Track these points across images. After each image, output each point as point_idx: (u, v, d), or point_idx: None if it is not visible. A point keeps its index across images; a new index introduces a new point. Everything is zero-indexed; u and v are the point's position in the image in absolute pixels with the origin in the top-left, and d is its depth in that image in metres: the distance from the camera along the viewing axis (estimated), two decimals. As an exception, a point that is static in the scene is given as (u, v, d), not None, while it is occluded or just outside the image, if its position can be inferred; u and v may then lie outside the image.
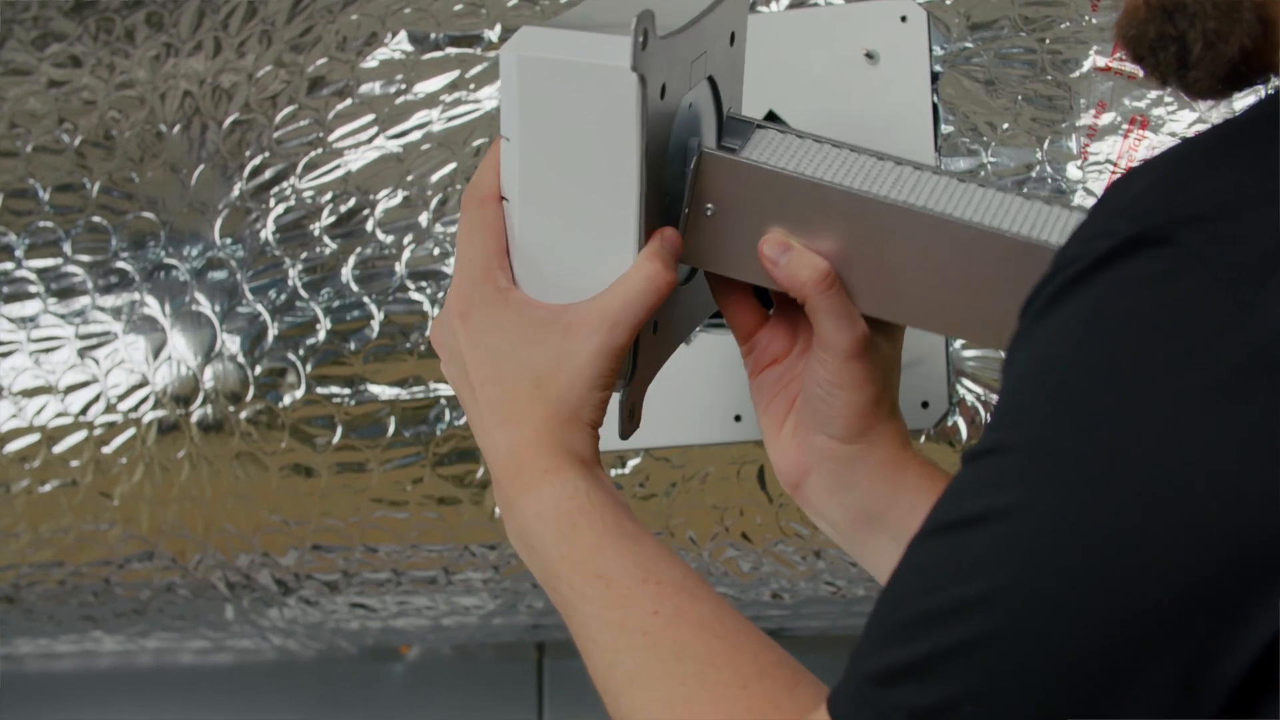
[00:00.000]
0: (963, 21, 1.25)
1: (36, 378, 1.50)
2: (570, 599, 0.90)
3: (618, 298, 0.93)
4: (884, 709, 0.73)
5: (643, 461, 1.34)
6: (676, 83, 0.95)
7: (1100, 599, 0.69)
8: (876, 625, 0.75)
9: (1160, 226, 0.69)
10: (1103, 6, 1.22)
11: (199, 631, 1.60)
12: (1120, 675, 0.70)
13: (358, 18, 1.43)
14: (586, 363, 0.92)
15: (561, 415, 0.93)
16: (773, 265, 0.97)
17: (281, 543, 1.45)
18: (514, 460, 0.93)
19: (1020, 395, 0.73)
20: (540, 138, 0.93)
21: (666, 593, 0.88)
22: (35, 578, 1.54)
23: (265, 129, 1.44)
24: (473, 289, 0.95)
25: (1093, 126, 1.21)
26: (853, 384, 0.98)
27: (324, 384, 1.40)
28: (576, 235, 0.94)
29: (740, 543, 1.33)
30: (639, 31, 0.89)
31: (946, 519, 0.74)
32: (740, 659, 0.85)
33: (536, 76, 0.92)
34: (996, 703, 0.71)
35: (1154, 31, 0.79)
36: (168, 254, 1.47)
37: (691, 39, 0.96)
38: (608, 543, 0.90)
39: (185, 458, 1.45)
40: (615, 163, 0.92)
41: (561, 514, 0.91)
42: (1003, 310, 0.88)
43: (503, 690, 1.93)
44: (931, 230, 0.95)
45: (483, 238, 0.95)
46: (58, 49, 1.54)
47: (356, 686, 1.99)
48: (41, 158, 1.52)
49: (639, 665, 0.86)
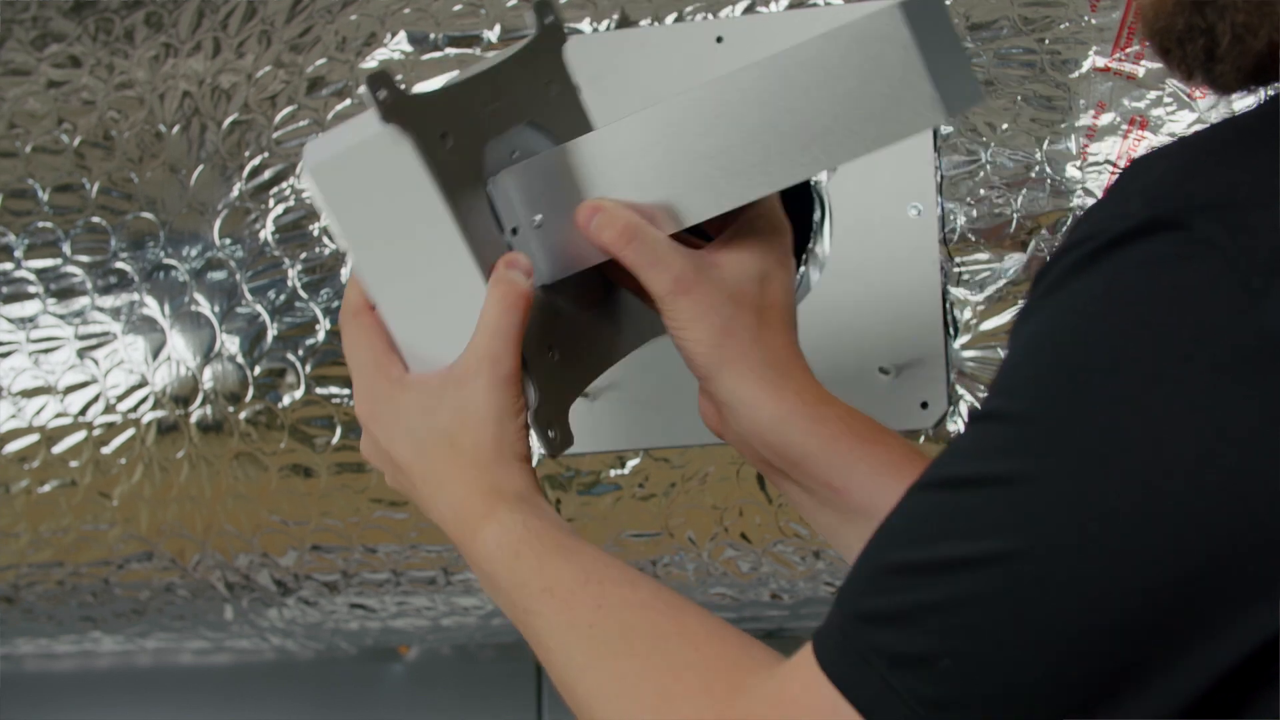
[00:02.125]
0: (962, 22, 1.25)
1: (36, 378, 1.50)
2: (526, 620, 0.93)
3: (484, 331, 0.97)
4: (865, 650, 0.74)
5: (642, 462, 1.34)
6: (467, 132, 1.00)
7: (1092, 578, 0.70)
8: (865, 567, 0.76)
9: (1176, 211, 0.70)
10: (1101, 7, 1.22)
11: (198, 632, 1.60)
12: (1104, 657, 0.70)
13: (357, 18, 1.43)
14: (484, 403, 0.96)
15: (482, 461, 0.96)
16: (586, 230, 0.99)
17: (281, 543, 1.45)
18: (455, 517, 0.97)
19: (1026, 365, 0.73)
20: (363, 229, 0.99)
21: (607, 588, 0.91)
22: (35, 578, 1.54)
23: (265, 129, 1.44)
24: (371, 390, 1.00)
25: (1092, 127, 1.21)
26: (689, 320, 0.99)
27: (323, 384, 1.40)
28: (435, 301, 0.99)
29: (739, 543, 1.33)
30: (373, 90, 0.95)
31: (945, 475, 0.75)
32: (686, 628, 0.87)
33: (330, 178, 0.98)
34: (974, 662, 0.71)
35: (1183, 24, 0.79)
36: (167, 254, 1.47)
37: (469, 91, 1.01)
38: (548, 560, 0.93)
39: (184, 458, 1.45)
40: (429, 217, 0.97)
41: (504, 548, 0.94)
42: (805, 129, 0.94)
43: (502, 690, 1.93)
44: (710, 96, 0.98)
45: (365, 343, 1.00)
46: (57, 49, 1.54)
47: (356, 687, 1.99)
48: (41, 158, 1.52)
49: (589, 653, 0.89)
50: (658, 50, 1.32)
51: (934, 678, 0.72)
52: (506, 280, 0.97)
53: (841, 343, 1.27)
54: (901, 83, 0.93)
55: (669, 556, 1.36)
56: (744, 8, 1.31)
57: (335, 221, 0.99)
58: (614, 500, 1.35)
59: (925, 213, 1.25)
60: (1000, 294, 1.24)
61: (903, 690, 0.73)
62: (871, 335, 1.26)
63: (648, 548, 1.36)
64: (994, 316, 1.24)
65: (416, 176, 0.96)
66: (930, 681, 0.72)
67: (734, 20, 1.31)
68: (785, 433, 1.00)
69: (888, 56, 0.93)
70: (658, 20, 1.33)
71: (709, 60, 1.30)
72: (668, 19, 1.33)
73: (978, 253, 1.24)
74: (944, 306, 1.25)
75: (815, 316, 1.27)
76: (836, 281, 1.27)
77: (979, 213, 1.24)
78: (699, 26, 1.31)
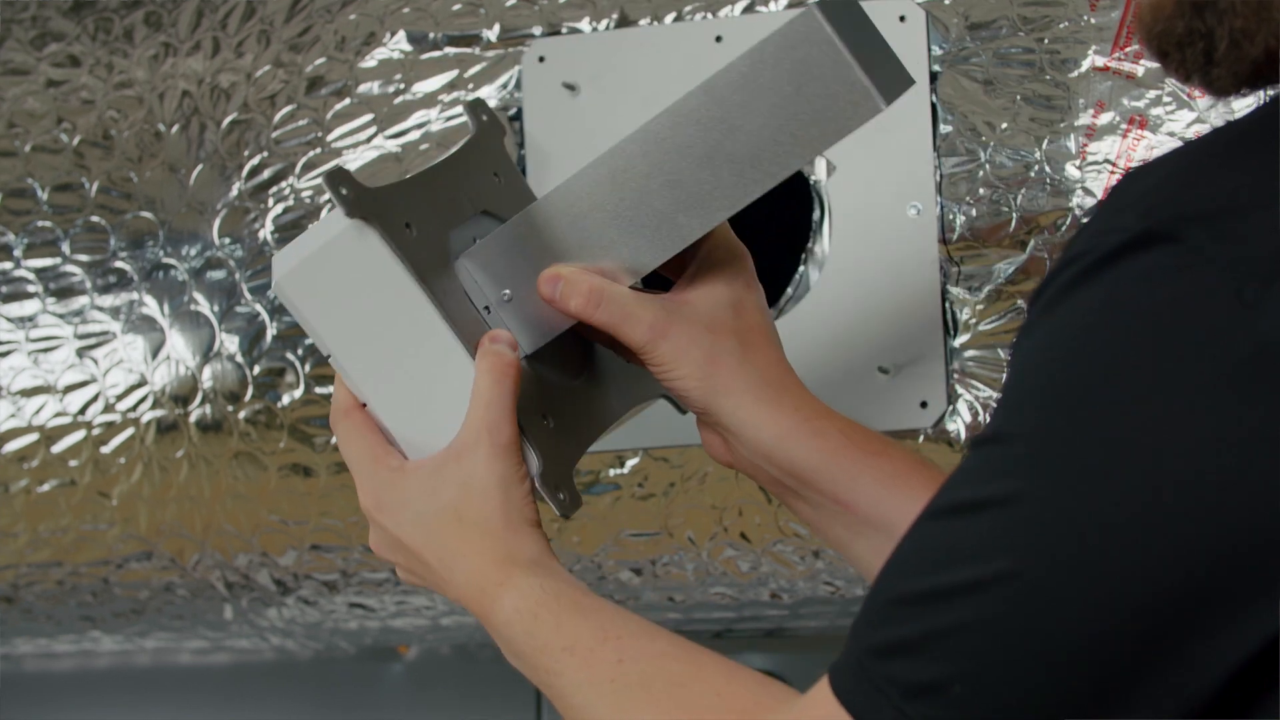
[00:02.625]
0: (961, 21, 1.25)
1: (35, 377, 1.50)
2: (549, 681, 0.94)
3: (478, 404, 0.98)
4: (879, 682, 0.74)
5: (641, 461, 1.34)
6: (429, 221, 1.01)
7: (1095, 591, 0.70)
8: (876, 600, 0.77)
9: (1169, 223, 0.70)
10: (1101, 6, 1.22)
11: (197, 631, 1.60)
12: (1111, 669, 0.71)
13: (356, 17, 1.43)
14: (486, 472, 0.97)
15: (492, 530, 0.97)
16: (555, 303, 1.01)
17: (280, 543, 1.45)
18: (473, 588, 0.97)
19: (1025, 385, 0.74)
20: (342, 329, 1.00)
21: (626, 642, 0.92)
22: (34, 577, 1.54)
23: (264, 129, 1.44)
24: (372, 483, 1.01)
25: (1091, 126, 1.21)
26: (672, 360, 1.00)
27: (323, 384, 1.40)
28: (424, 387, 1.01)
29: (739, 543, 1.33)
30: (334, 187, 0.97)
31: (949, 503, 0.75)
32: (705, 674, 0.88)
33: (301, 285, 1.00)
34: (985, 685, 0.72)
35: (1182, 27, 0.79)
36: (166, 253, 1.47)
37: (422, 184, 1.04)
38: (566, 621, 0.94)
39: (184, 457, 1.45)
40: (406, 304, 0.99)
41: (523, 614, 0.95)
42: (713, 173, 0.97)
43: (502, 690, 1.92)
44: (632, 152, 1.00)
45: (360, 440, 1.01)
46: (56, 49, 1.54)
47: (355, 686, 1.99)
48: (40, 157, 1.52)
49: (612, 707, 0.90)
50: (657, 49, 1.32)
51: (947, 704, 0.73)
52: (493, 353, 0.99)
53: (841, 342, 1.27)
54: (833, 80, 0.94)
55: (668, 556, 1.36)
56: (743, 7, 1.31)
57: (313, 327, 1.01)
58: (613, 500, 1.35)
59: (924, 212, 1.25)
60: (999, 293, 1.24)
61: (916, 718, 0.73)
62: (871, 334, 1.26)
63: (647, 547, 1.36)
64: (993, 316, 1.24)
65: (388, 266, 0.98)
66: (943, 707, 0.73)
67: (733, 19, 1.31)
68: (789, 450, 1.01)
69: (815, 57, 0.94)
70: (657, 19, 1.33)
71: (708, 59, 1.30)
72: (667, 18, 1.33)
73: (977, 252, 1.24)
74: (943, 306, 1.25)
75: (815, 316, 1.27)
76: (836, 281, 1.27)
77: (978, 212, 1.24)
78: (698, 26, 1.31)
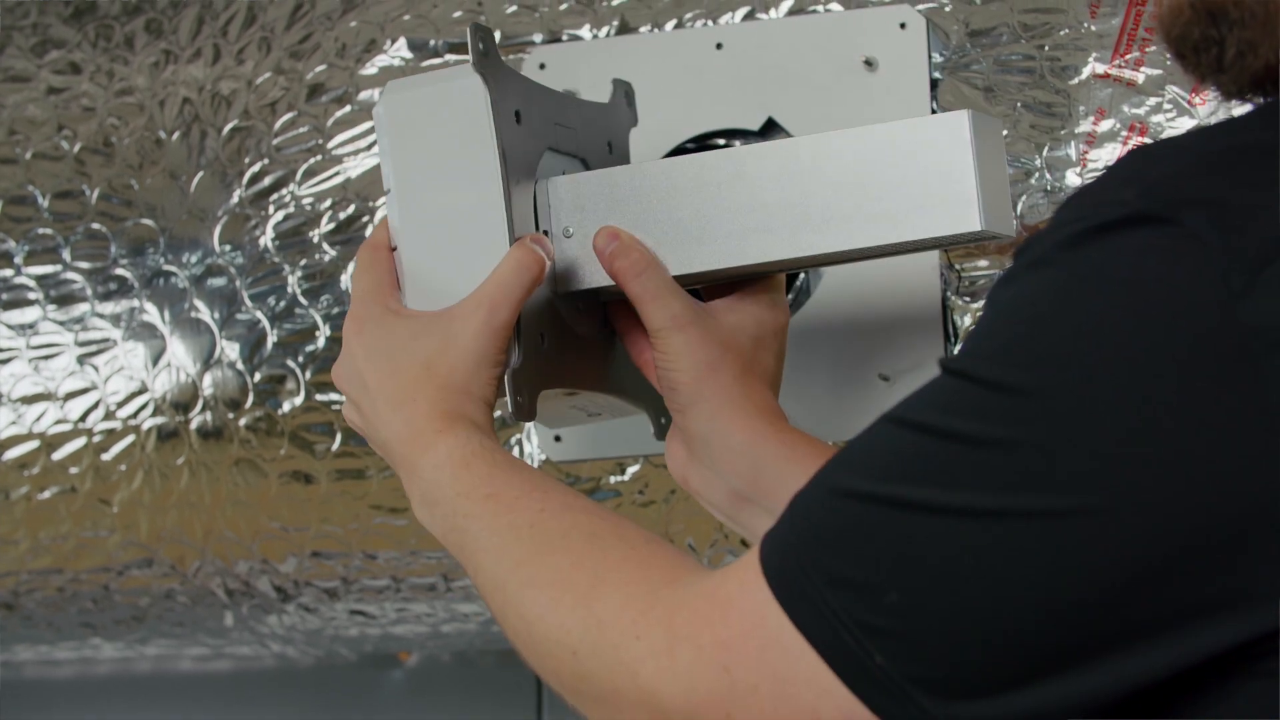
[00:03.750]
0: (961, 28, 1.25)
1: (36, 384, 1.50)
2: (463, 526, 0.95)
3: (493, 280, 1.02)
4: (805, 564, 0.75)
5: (642, 468, 1.34)
6: (538, 128, 1.07)
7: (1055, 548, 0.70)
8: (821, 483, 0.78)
9: (1169, 205, 0.71)
10: (1101, 13, 1.22)
11: (198, 638, 1.60)
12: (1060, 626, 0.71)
13: (357, 24, 1.43)
14: (470, 340, 1.01)
15: (452, 387, 1.00)
16: (603, 255, 1.05)
17: (281, 549, 1.45)
18: (410, 429, 1.00)
19: (1003, 331, 0.74)
20: (414, 163, 1.05)
21: (551, 496, 0.94)
22: (34, 584, 1.54)
23: (264, 136, 1.44)
24: (365, 310, 1.04)
25: (1092, 133, 1.21)
26: (678, 353, 1.04)
27: (323, 391, 1.40)
28: (456, 248, 1.05)
29: (740, 550, 1.33)
30: (475, 40, 1.03)
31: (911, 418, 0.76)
32: (625, 534, 0.89)
33: (399, 112, 1.05)
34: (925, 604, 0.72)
35: (1198, 34, 0.80)
36: (167, 261, 1.47)
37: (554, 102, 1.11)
38: (499, 472, 0.96)
39: (184, 464, 1.45)
40: (481, 170, 1.04)
41: (455, 459, 0.98)
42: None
43: (502, 697, 1.93)
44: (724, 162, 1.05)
45: (373, 273, 1.06)
46: (57, 56, 1.54)
47: (356, 693, 1.99)
48: (41, 164, 1.52)
49: (526, 550, 0.91)
50: (657, 57, 1.32)
51: (877, 607, 0.73)
52: (528, 247, 1.03)
53: (841, 348, 1.27)
54: (949, 180, 0.98)
55: (669, 563, 1.36)
56: (744, 14, 1.31)
57: (388, 155, 1.06)
58: (614, 507, 1.35)
59: (925, 219, 1.25)
60: (1000, 300, 1.24)
61: (839, 610, 0.74)
62: (871, 341, 1.26)
63: (648, 554, 1.36)
64: (994, 323, 1.24)
65: (483, 130, 1.03)
66: (872, 610, 0.73)
67: (733, 27, 1.31)
68: (756, 456, 1.03)
69: (944, 154, 0.98)
70: (657, 27, 1.33)
71: (708, 67, 1.30)
72: (667, 25, 1.33)
73: (977, 259, 1.24)
74: (944, 313, 1.25)
75: (815, 322, 1.27)
76: (837, 287, 1.27)
77: (979, 219, 1.24)
78: (698, 33, 1.32)
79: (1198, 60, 0.81)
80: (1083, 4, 1.22)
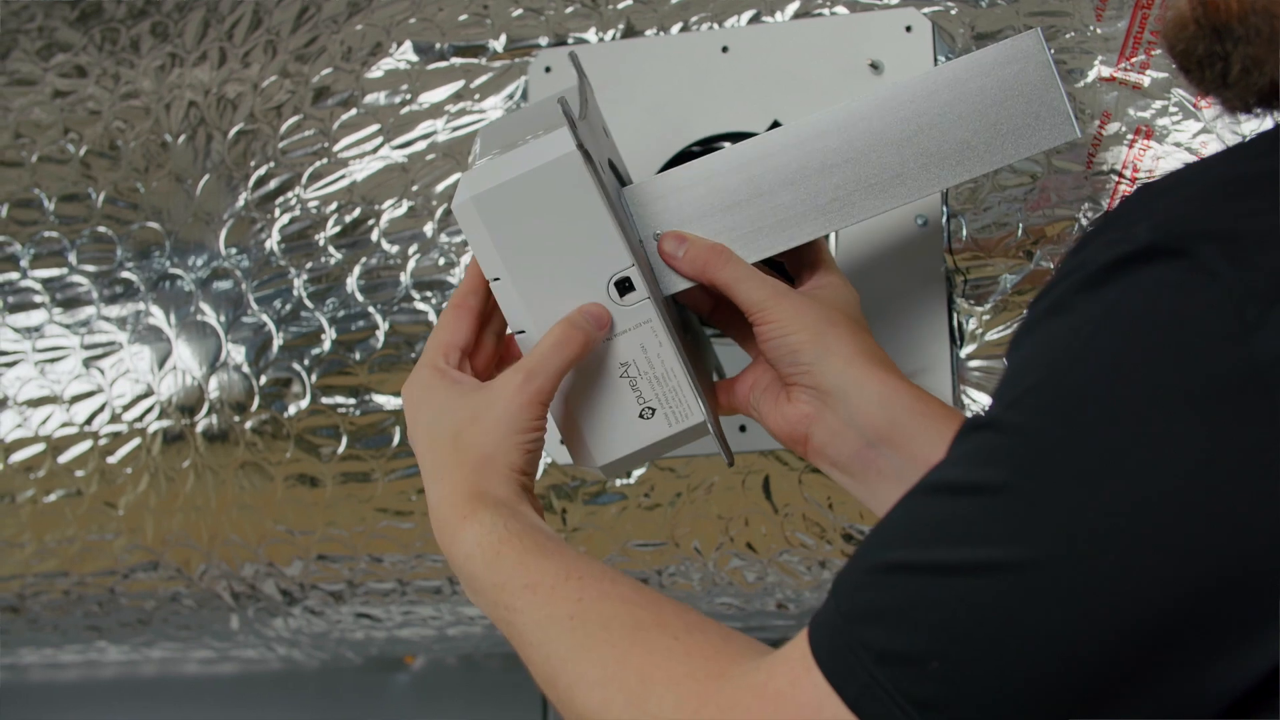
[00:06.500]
0: (967, 31, 1.25)
1: (42, 388, 1.50)
2: (507, 618, 0.95)
3: (534, 353, 1.02)
4: (854, 644, 0.75)
5: (648, 471, 1.34)
6: (593, 153, 1.05)
7: (1080, 591, 0.71)
8: (860, 562, 0.78)
9: (1180, 239, 0.71)
10: (1107, 17, 1.22)
11: (204, 641, 1.60)
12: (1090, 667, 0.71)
13: (363, 28, 1.43)
14: (503, 410, 1.00)
15: (476, 464, 1.00)
16: (674, 260, 1.06)
17: (286, 553, 1.45)
18: (439, 512, 1.00)
19: (1022, 380, 0.74)
20: (523, 249, 1.03)
21: (588, 583, 0.93)
22: (40, 588, 1.54)
23: (270, 139, 1.44)
24: (419, 374, 1.04)
25: (1097, 136, 1.21)
26: (791, 317, 1.05)
27: (329, 394, 1.41)
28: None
29: (745, 553, 1.33)
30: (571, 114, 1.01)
31: (941, 480, 0.76)
32: (665, 620, 0.88)
33: (493, 206, 1.02)
34: (964, 666, 0.72)
35: (1203, 49, 0.81)
36: (173, 264, 1.47)
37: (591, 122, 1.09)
38: (529, 560, 0.95)
39: (190, 468, 1.46)
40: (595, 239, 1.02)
41: (485, 548, 0.97)
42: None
43: (508, 700, 1.92)
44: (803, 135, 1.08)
45: (437, 333, 1.06)
46: (63, 59, 1.54)
47: (361, 697, 1.99)
48: (46, 168, 1.52)
49: (570, 645, 0.90)
50: (663, 60, 1.32)
51: (923, 678, 0.73)
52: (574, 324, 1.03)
53: (847, 352, 1.27)
54: (1040, 100, 1.03)
55: (674, 566, 1.36)
56: (749, 17, 1.31)
57: (495, 245, 1.03)
58: (620, 510, 1.35)
59: (931, 223, 1.25)
60: (1005, 304, 1.24)
61: (890, 687, 0.74)
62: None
63: (653, 557, 1.36)
64: (999, 326, 1.24)
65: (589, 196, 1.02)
66: (918, 681, 0.73)
67: (739, 30, 1.31)
68: (892, 409, 1.04)
69: (1029, 75, 1.03)
70: (663, 30, 1.33)
71: (715, 70, 1.30)
72: (673, 29, 1.33)
73: (983, 263, 1.24)
74: (949, 316, 1.25)
75: (821, 326, 1.27)
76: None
77: (984, 223, 1.24)
78: (704, 36, 1.32)
79: (1202, 75, 0.82)
80: (1088, 7, 1.22)
